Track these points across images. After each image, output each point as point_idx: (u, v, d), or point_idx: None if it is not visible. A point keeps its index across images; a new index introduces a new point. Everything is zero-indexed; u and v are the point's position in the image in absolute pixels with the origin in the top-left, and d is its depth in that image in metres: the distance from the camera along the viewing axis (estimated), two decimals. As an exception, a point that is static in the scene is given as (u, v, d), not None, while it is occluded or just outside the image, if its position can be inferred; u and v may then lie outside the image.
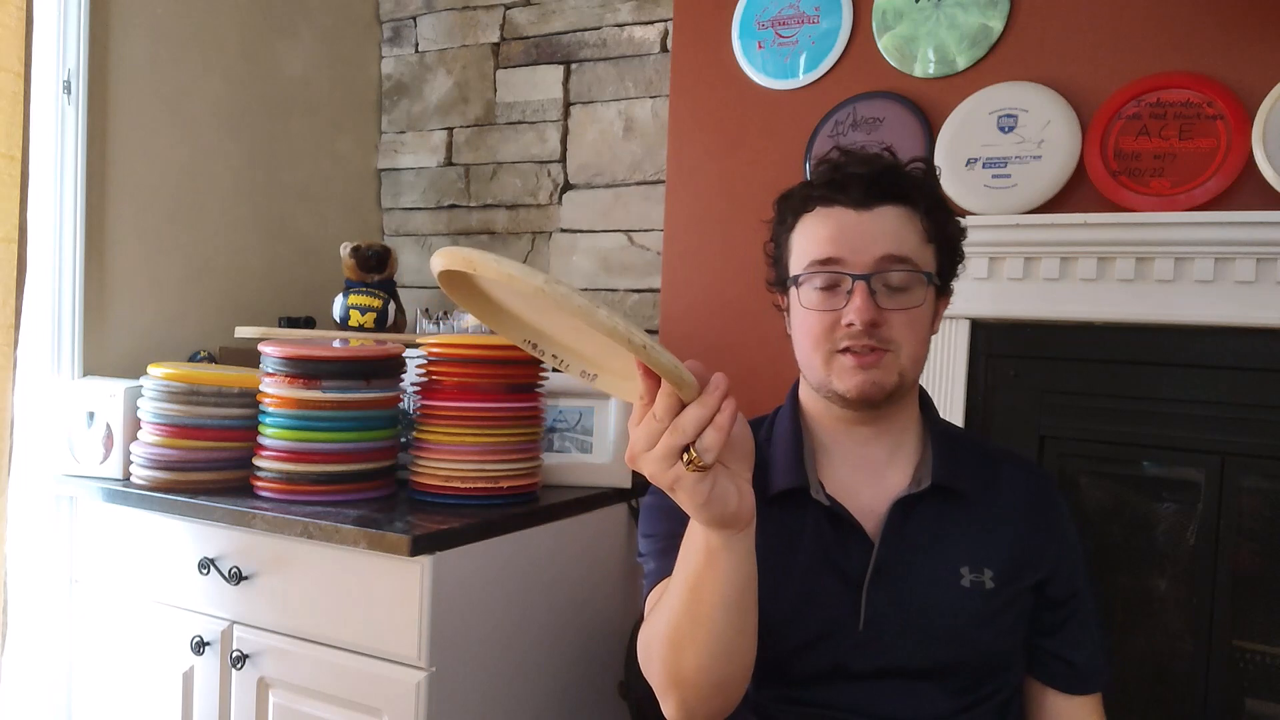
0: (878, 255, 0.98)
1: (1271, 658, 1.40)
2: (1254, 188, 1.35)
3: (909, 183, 1.01)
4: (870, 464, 1.06)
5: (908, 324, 0.99)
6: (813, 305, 1.00)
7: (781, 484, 1.04)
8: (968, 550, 1.02)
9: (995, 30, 1.54)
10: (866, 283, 0.97)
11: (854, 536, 1.02)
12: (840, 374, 0.99)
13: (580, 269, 2.13)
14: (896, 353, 0.98)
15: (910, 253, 0.99)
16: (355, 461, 1.51)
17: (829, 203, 1.01)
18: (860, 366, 0.98)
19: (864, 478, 1.05)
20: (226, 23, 2.03)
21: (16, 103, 1.55)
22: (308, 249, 2.22)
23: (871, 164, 1.01)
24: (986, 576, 1.00)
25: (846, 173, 1.00)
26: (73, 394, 1.68)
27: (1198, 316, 1.38)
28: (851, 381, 0.98)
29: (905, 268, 0.98)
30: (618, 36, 2.07)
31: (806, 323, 1.01)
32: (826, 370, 1.00)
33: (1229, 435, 1.39)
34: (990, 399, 1.53)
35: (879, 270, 0.97)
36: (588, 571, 1.63)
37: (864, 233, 0.98)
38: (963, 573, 1.01)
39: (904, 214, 1.00)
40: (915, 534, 1.01)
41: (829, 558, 1.02)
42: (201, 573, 1.51)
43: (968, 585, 1.00)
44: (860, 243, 0.98)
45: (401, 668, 1.36)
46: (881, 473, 1.05)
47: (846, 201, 1.00)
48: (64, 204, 1.74)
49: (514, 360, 1.51)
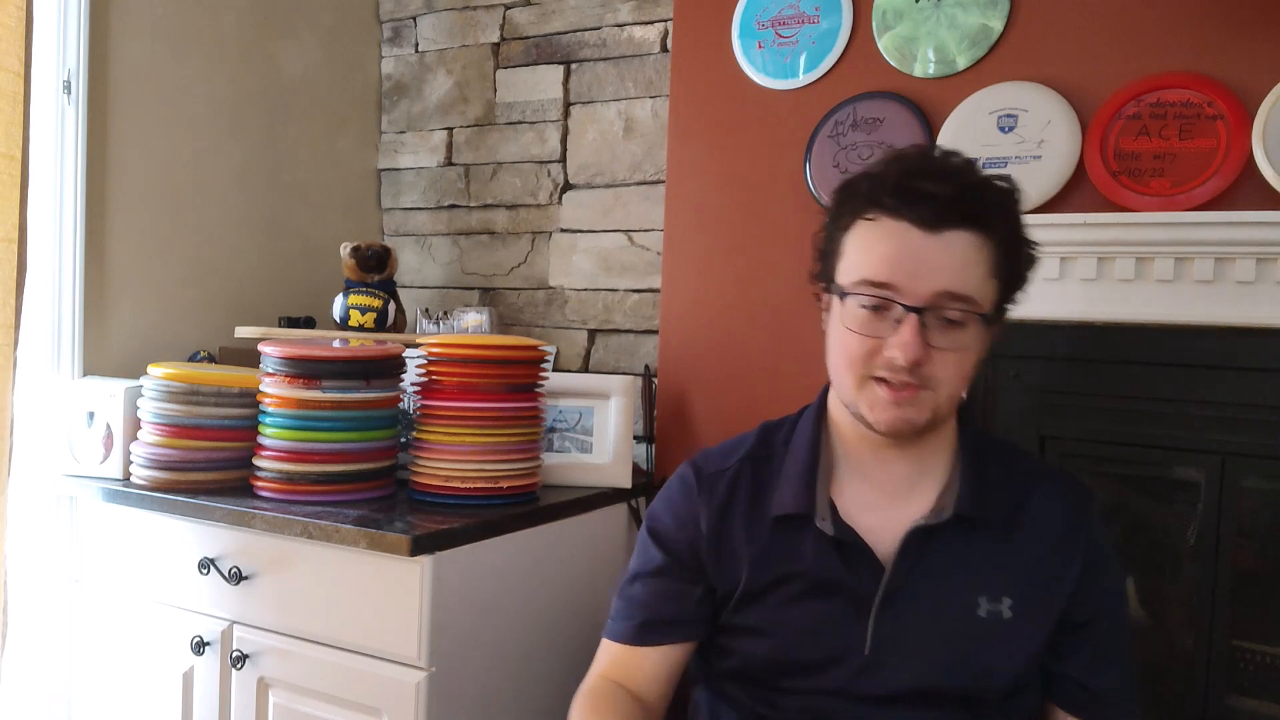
0: (937, 289, 0.89)
1: (1272, 658, 1.40)
2: (1254, 188, 1.35)
3: (988, 207, 0.92)
4: (893, 484, 1.01)
5: (954, 364, 0.92)
6: (856, 326, 0.93)
7: (785, 508, 1.01)
8: (986, 579, 0.97)
9: (995, 30, 1.54)
10: (919, 316, 0.89)
11: (863, 560, 0.97)
12: (872, 405, 0.93)
13: (580, 269, 2.13)
14: (935, 390, 0.92)
15: (972, 291, 0.90)
16: (355, 461, 1.51)
17: (895, 215, 0.91)
18: (894, 402, 0.91)
19: (884, 497, 1.01)
20: (226, 23, 2.03)
21: (16, 103, 1.55)
22: (308, 249, 2.22)
23: (952, 180, 0.92)
24: (1004, 605, 0.96)
25: (923, 189, 0.90)
26: (73, 394, 1.68)
27: (1198, 316, 1.37)
28: (882, 416, 0.92)
29: (963, 307, 0.90)
30: (618, 36, 2.07)
31: (845, 340, 0.95)
32: (857, 395, 0.94)
33: (1229, 435, 1.39)
34: (991, 399, 1.53)
35: (934, 305, 0.90)
36: (588, 571, 1.63)
37: (927, 261, 0.89)
38: (980, 602, 0.96)
39: (975, 242, 0.91)
40: (932, 562, 0.97)
41: (835, 582, 0.98)
42: (201, 573, 1.51)
43: (984, 615, 0.96)
44: (921, 271, 0.89)
45: (401, 668, 1.36)
46: (903, 494, 1.00)
47: (914, 219, 0.90)
48: (64, 204, 1.74)
49: (514, 360, 1.51)
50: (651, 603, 1.06)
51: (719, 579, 1.04)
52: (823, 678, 0.98)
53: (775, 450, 1.07)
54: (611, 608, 1.10)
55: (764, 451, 1.08)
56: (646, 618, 1.06)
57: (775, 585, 1.01)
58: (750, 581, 1.02)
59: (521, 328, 2.20)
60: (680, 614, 1.06)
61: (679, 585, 1.06)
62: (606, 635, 1.10)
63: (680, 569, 1.06)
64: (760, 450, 1.08)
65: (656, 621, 1.06)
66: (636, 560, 1.10)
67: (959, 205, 0.90)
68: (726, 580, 1.03)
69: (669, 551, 1.07)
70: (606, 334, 2.10)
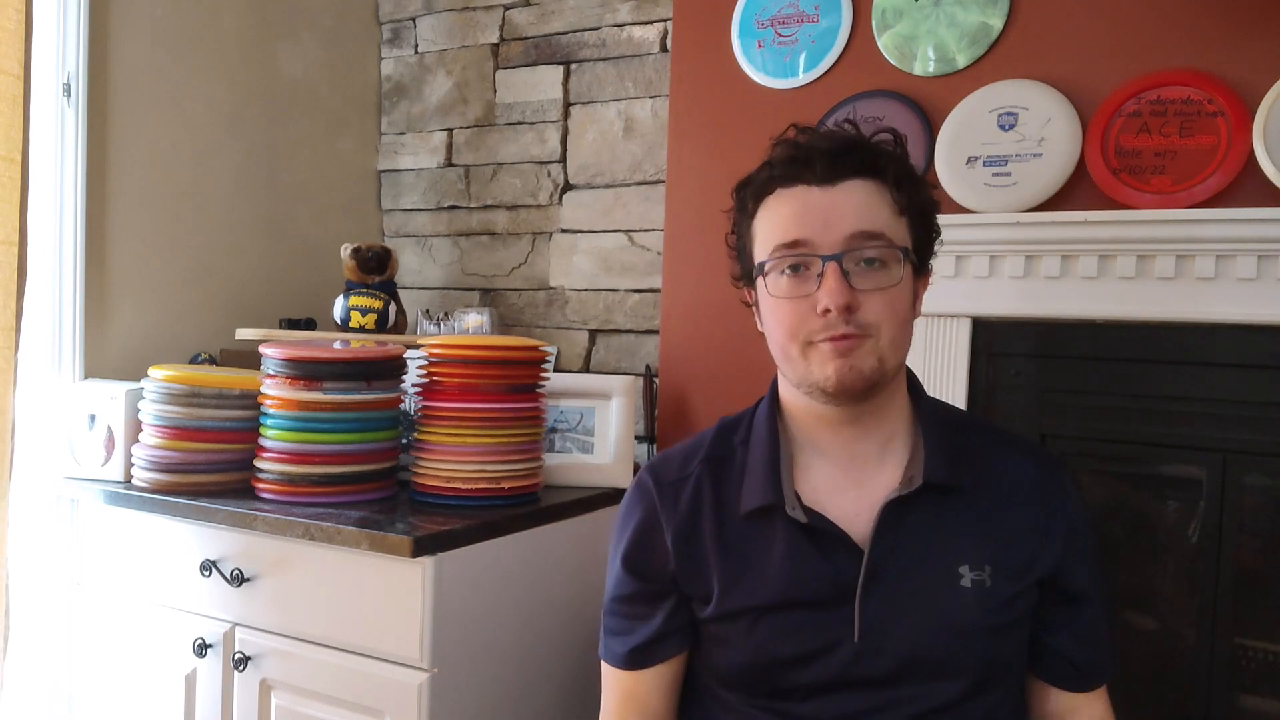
0: (847, 233, 0.92)
1: (1274, 655, 1.40)
2: (1255, 185, 1.35)
3: (876, 154, 0.96)
4: (858, 464, 1.00)
5: (886, 305, 0.92)
6: (781, 293, 0.95)
7: (753, 502, 0.99)
8: (967, 548, 0.97)
9: (995, 28, 1.54)
10: (838, 263, 0.91)
11: (839, 546, 0.97)
12: (818, 363, 0.93)
13: (580, 269, 2.13)
14: (876, 337, 0.92)
15: (883, 227, 0.93)
16: (356, 463, 1.51)
17: (791, 182, 0.95)
18: (839, 352, 0.92)
19: (850, 479, 1.00)
20: (226, 24, 2.03)
21: (16, 105, 1.55)
22: (308, 250, 2.22)
23: (834, 139, 0.96)
24: (986, 573, 0.96)
25: (808, 148, 0.95)
26: (74, 396, 1.68)
27: (1199, 314, 1.37)
28: (830, 368, 0.92)
29: (878, 243, 0.92)
30: (617, 36, 2.07)
31: (777, 313, 0.96)
32: (804, 363, 0.94)
33: (1231, 433, 1.39)
34: (991, 398, 1.53)
35: (850, 249, 0.92)
36: (589, 572, 1.63)
37: (831, 209, 0.92)
38: (962, 572, 0.96)
39: (872, 187, 0.94)
40: (910, 536, 0.96)
41: (813, 570, 0.97)
42: (203, 575, 1.51)
43: (968, 585, 0.95)
44: (828, 220, 0.92)
45: (403, 669, 1.36)
46: (870, 472, 1.00)
47: (810, 178, 0.94)
48: (64, 206, 1.74)
49: (515, 361, 1.51)
50: (635, 627, 1.05)
51: (692, 589, 1.03)
52: (816, 670, 0.97)
53: (735, 447, 1.06)
54: (601, 624, 1.10)
55: (723, 450, 1.06)
56: (635, 644, 1.05)
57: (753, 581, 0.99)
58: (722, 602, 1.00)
59: (522, 328, 2.20)
60: (665, 629, 1.04)
61: (654, 606, 1.05)
62: (603, 657, 1.09)
63: (650, 592, 1.05)
64: (718, 449, 1.07)
65: (644, 645, 1.05)
66: (609, 583, 1.09)
67: (846, 157, 0.94)
68: (700, 589, 1.02)
69: (636, 574, 1.05)
70: (607, 334, 2.10)
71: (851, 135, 0.98)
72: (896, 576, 0.96)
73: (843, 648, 0.96)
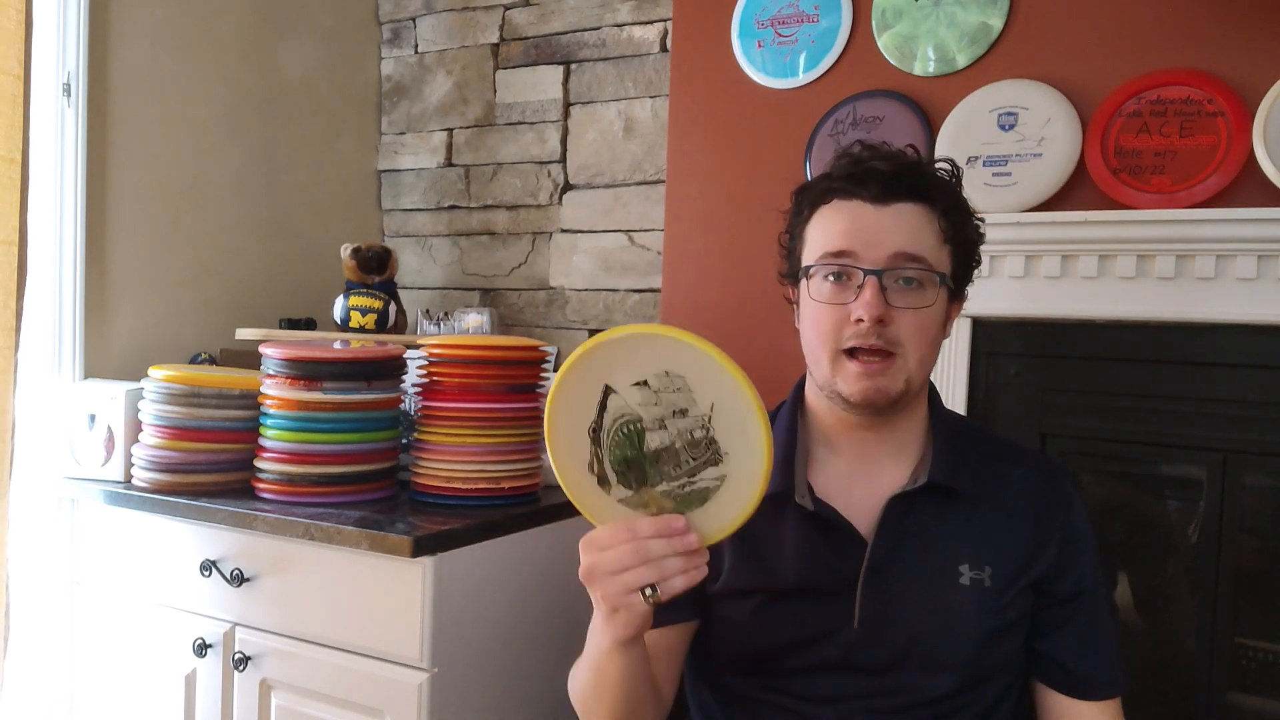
0: (891, 251, 0.96)
1: (1274, 655, 1.40)
2: (1255, 184, 1.35)
3: (929, 182, 1.00)
4: (869, 462, 1.04)
5: (916, 326, 0.97)
6: (822, 298, 0.99)
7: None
8: (968, 548, 1.00)
9: (995, 28, 1.54)
10: (878, 278, 0.95)
11: (845, 536, 1.00)
12: (845, 379, 0.98)
13: (581, 269, 2.13)
14: (904, 358, 0.97)
15: (925, 252, 0.97)
16: (356, 463, 1.51)
17: (847, 196, 1.00)
18: (866, 373, 0.96)
19: (860, 475, 1.04)
20: (226, 24, 2.03)
21: (16, 105, 1.55)
22: (308, 250, 2.22)
23: (893, 160, 1.00)
24: (986, 574, 0.99)
25: (867, 167, 0.99)
26: (74, 396, 1.68)
27: (1199, 314, 1.37)
28: (856, 387, 0.97)
29: (918, 266, 0.97)
30: (617, 36, 2.07)
31: (815, 316, 1.00)
32: (831, 371, 0.99)
33: (1231, 432, 1.39)
34: (992, 397, 1.53)
35: (891, 267, 0.96)
36: (589, 572, 1.63)
37: (879, 228, 0.97)
38: (962, 570, 0.99)
39: (922, 213, 0.99)
40: (913, 531, 1.00)
41: (818, 558, 1.00)
42: (203, 575, 1.51)
43: (967, 583, 0.99)
44: (875, 237, 0.97)
45: (403, 669, 1.36)
46: (880, 470, 1.04)
47: (865, 195, 0.98)
48: (64, 206, 1.74)
49: (515, 361, 1.51)
50: None
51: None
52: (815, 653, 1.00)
53: None
54: None
55: None
56: None
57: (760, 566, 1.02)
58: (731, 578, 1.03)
59: (522, 328, 2.20)
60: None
61: None
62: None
63: None
64: None
65: None
66: None
67: (903, 180, 0.98)
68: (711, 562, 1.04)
69: None
70: (607, 334, 2.10)
71: (910, 159, 1.01)
72: (898, 570, 0.99)
73: (841, 634, 0.99)
